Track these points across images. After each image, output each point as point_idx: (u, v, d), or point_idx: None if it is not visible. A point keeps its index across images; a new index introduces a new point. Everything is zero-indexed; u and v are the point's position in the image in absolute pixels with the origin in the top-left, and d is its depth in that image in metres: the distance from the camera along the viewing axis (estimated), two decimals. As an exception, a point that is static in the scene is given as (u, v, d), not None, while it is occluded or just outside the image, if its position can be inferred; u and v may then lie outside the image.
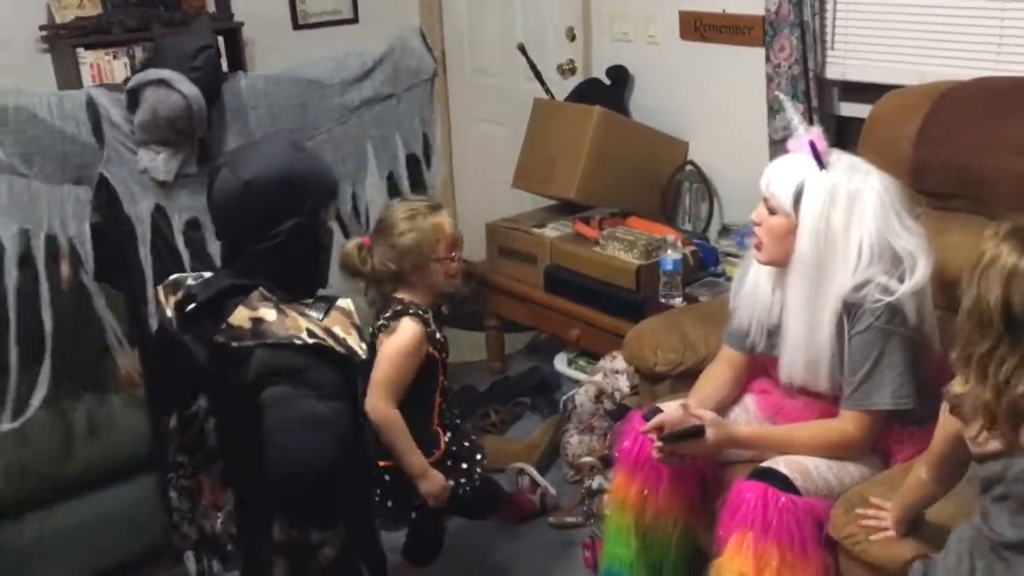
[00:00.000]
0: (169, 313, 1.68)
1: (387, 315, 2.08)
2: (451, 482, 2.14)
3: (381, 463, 2.10)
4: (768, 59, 2.90)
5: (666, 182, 3.35)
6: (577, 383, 3.09)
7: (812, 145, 1.89)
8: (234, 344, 1.57)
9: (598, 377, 2.89)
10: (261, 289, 1.60)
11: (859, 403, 1.90)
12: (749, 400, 2.16)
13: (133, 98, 2.30)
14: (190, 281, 1.69)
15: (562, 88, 3.66)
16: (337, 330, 1.61)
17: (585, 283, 3.05)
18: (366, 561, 1.87)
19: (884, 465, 1.95)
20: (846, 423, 1.92)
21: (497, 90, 4.17)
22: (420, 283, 2.14)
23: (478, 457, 2.22)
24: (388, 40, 2.87)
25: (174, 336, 1.66)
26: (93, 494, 2.40)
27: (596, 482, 2.69)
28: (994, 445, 1.38)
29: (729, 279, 2.93)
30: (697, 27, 3.23)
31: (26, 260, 2.19)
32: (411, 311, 2.08)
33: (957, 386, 1.41)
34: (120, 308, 2.41)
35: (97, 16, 3.36)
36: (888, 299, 1.84)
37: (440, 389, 2.17)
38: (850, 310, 1.88)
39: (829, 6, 2.85)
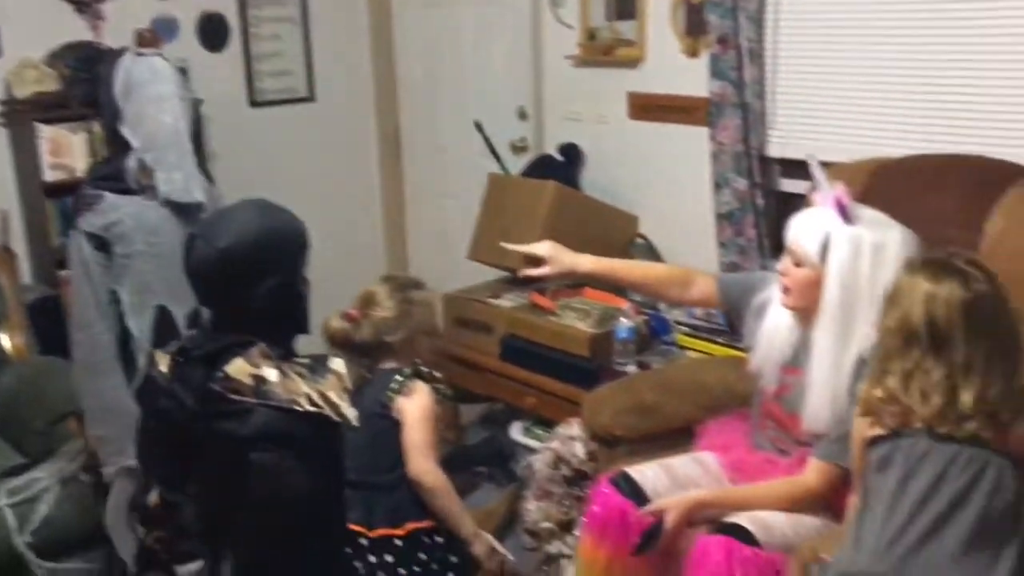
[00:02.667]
0: (163, 368, 1.70)
1: (398, 379, 2.16)
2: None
3: (425, 523, 2.15)
4: (713, 138, 3.05)
5: (618, 254, 3.44)
6: (534, 451, 3.12)
7: (838, 200, 1.97)
8: (232, 396, 1.59)
9: (555, 444, 2.92)
10: (262, 345, 1.63)
11: (830, 456, 1.95)
12: (710, 458, 2.23)
13: None
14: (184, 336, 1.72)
15: (514, 164, 3.78)
16: (332, 395, 1.63)
17: (541, 352, 3.12)
18: None
19: (837, 520, 2.01)
20: (811, 475, 1.99)
21: (452, 166, 4.29)
22: (406, 354, 2.23)
23: None
24: None
25: (163, 386, 1.68)
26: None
27: (555, 547, 2.71)
28: (887, 425, 1.61)
29: (682, 347, 3.04)
30: (645, 107, 3.39)
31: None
32: (420, 373, 2.19)
33: (870, 389, 1.63)
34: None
35: (56, 91, 3.39)
36: None
37: None
38: (859, 367, 1.93)
39: (769, 89, 3.03)
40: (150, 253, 2.36)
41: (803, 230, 2.01)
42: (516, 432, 3.38)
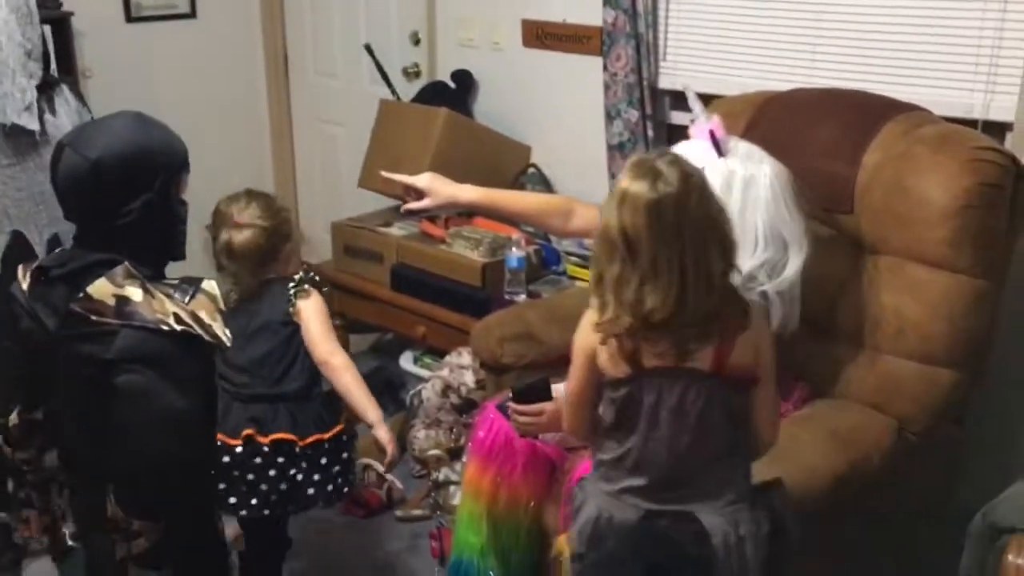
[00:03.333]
0: (24, 287, 1.61)
1: (292, 285, 2.22)
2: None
3: (318, 436, 2.18)
4: (605, 68, 3.04)
5: (510, 184, 3.43)
6: (423, 380, 3.13)
7: (711, 133, 1.98)
8: (93, 317, 1.51)
9: (444, 372, 2.94)
10: (127, 264, 1.55)
11: None
12: None
13: None
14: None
15: (407, 91, 3.70)
16: (203, 315, 1.57)
17: (431, 281, 3.10)
18: (196, 554, 1.81)
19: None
20: None
21: (340, 91, 4.17)
22: (287, 260, 2.28)
23: None
24: None
25: (23, 305, 1.59)
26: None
27: (443, 474, 2.74)
28: (624, 369, 1.56)
29: (571, 277, 3.06)
30: (539, 35, 3.35)
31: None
32: (311, 279, 2.25)
33: (599, 314, 1.54)
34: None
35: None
36: (764, 288, 1.94)
37: None
38: None
39: (662, 20, 3.03)
40: (5, 176, 2.20)
41: None
42: (406, 361, 3.38)
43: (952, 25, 2.47)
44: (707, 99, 2.76)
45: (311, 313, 2.22)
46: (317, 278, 2.28)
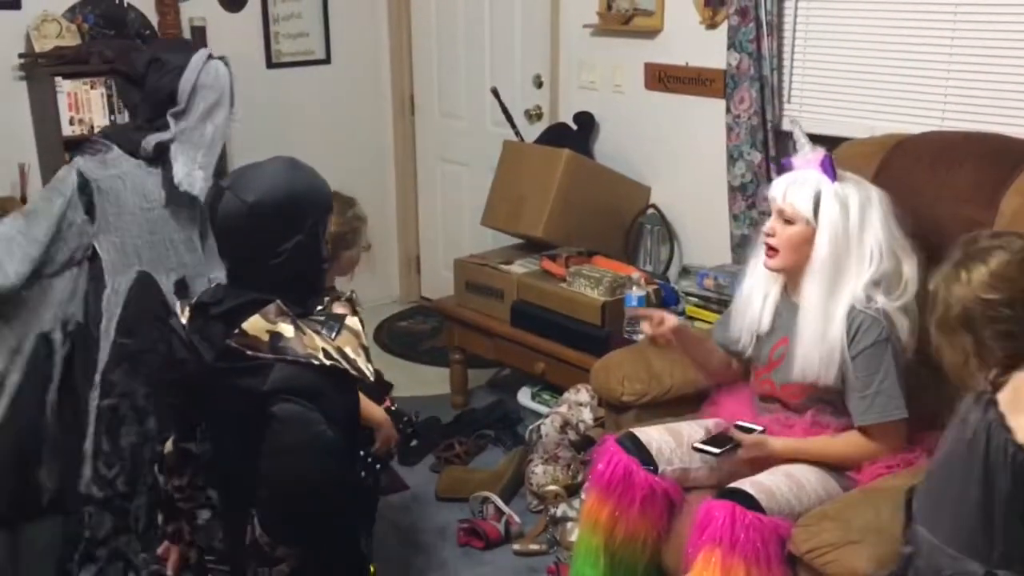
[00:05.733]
0: (184, 320, 1.73)
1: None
2: None
3: None
4: (728, 110, 3.06)
5: (629, 224, 3.48)
6: (540, 416, 3.17)
7: (828, 158, 2.10)
8: (249, 352, 1.61)
9: (563, 409, 2.97)
10: (278, 303, 1.65)
11: (881, 416, 2.04)
12: (716, 425, 2.27)
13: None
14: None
15: (528, 132, 3.79)
16: (348, 351, 1.65)
17: (551, 318, 3.15)
18: None
19: (844, 481, 2.08)
20: (871, 438, 2.07)
21: (463, 132, 4.30)
22: (344, 267, 2.36)
23: None
24: None
25: (182, 337, 1.70)
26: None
27: (560, 510, 2.76)
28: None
29: (690, 318, 3.07)
30: (661, 78, 3.39)
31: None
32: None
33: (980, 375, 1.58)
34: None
35: (76, 46, 3.41)
36: (884, 307, 2.05)
37: None
38: (853, 323, 2.04)
39: (787, 63, 3.04)
40: (143, 219, 2.37)
41: (793, 189, 2.11)
42: (524, 397, 3.43)
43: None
44: (833, 141, 2.75)
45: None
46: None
